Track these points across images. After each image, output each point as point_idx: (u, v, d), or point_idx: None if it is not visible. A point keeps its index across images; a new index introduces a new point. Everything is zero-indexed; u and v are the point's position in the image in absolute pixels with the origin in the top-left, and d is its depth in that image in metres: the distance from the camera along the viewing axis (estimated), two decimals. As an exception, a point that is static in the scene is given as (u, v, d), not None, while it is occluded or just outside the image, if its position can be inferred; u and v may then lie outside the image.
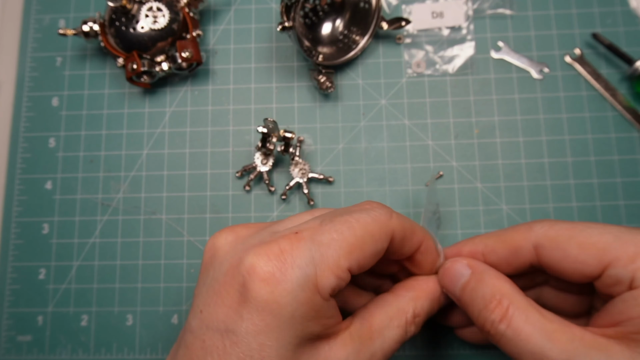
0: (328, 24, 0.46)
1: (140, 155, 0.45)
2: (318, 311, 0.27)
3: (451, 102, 0.44)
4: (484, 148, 0.43)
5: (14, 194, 0.44)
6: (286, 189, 0.42)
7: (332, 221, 0.28)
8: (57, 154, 0.45)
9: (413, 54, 0.45)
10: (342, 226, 0.28)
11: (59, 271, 0.43)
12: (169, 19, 0.43)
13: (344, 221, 0.28)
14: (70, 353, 0.42)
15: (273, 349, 0.26)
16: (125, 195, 0.44)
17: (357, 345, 0.29)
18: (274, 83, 0.45)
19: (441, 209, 0.33)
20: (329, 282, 0.26)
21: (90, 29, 0.43)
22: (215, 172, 0.44)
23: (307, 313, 0.26)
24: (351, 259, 0.27)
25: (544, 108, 0.44)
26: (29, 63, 0.47)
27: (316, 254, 0.27)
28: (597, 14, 0.45)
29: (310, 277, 0.26)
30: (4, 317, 0.42)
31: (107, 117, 0.45)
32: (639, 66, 0.42)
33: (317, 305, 0.26)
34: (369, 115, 0.44)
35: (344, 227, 0.28)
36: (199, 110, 0.45)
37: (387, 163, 0.43)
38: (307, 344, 0.27)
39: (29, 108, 0.46)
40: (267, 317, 0.26)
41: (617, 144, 0.43)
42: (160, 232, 0.43)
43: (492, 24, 0.46)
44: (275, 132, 0.41)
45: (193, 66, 0.44)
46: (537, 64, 0.45)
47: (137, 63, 0.42)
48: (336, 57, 0.44)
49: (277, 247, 0.27)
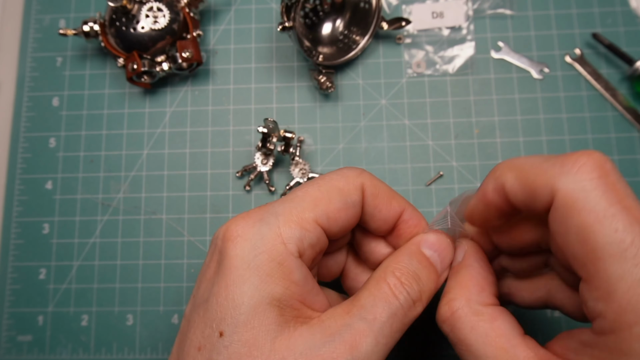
0: (328, 24, 0.46)
1: (140, 155, 0.45)
2: (281, 264, 0.26)
3: (451, 102, 0.44)
4: (484, 148, 0.43)
5: (14, 194, 0.44)
6: (286, 188, 0.42)
7: (305, 184, 0.29)
8: (57, 154, 0.45)
9: (413, 54, 0.45)
10: (308, 185, 0.28)
11: (59, 271, 0.43)
12: (169, 19, 0.43)
13: (312, 181, 0.29)
14: (70, 353, 0.42)
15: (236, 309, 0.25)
16: (125, 195, 0.44)
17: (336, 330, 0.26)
18: (274, 83, 0.45)
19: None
20: (292, 232, 0.26)
21: (90, 29, 0.43)
22: (216, 172, 0.44)
23: (267, 264, 0.26)
24: (317, 210, 0.27)
25: (544, 108, 0.44)
26: (30, 63, 0.47)
27: (280, 209, 0.27)
28: (597, 13, 0.45)
29: (272, 227, 0.26)
30: (4, 317, 0.42)
31: (108, 117, 0.45)
32: (639, 66, 0.42)
33: (279, 256, 0.26)
34: (369, 115, 0.44)
35: (310, 185, 0.28)
36: (199, 110, 0.45)
37: (387, 163, 0.43)
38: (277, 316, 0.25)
39: (29, 108, 0.46)
40: (232, 274, 0.26)
41: (617, 144, 0.43)
42: (161, 232, 0.43)
43: (492, 24, 0.46)
44: (275, 132, 0.41)
45: (193, 66, 0.44)
46: (537, 64, 0.45)
47: (137, 63, 0.42)
48: (336, 57, 0.44)
49: (248, 212, 0.28)
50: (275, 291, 0.26)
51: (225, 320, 0.25)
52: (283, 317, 0.25)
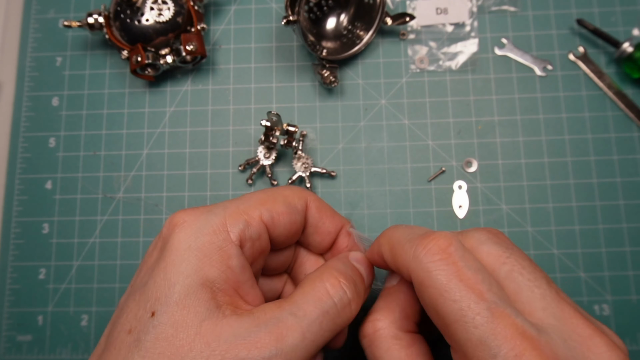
0: (332, 18, 0.46)
1: (140, 155, 0.45)
2: (221, 248, 0.27)
3: (451, 102, 0.44)
4: (484, 148, 0.43)
5: (14, 194, 0.44)
6: (289, 182, 0.42)
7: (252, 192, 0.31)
8: (57, 153, 0.45)
9: (416, 50, 0.45)
10: (256, 191, 0.31)
11: (59, 271, 0.43)
12: (174, 12, 0.43)
13: (260, 190, 0.31)
14: (70, 353, 0.42)
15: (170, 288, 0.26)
16: (125, 195, 0.44)
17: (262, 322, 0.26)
18: (274, 83, 0.45)
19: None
20: (236, 222, 0.28)
21: (95, 21, 0.43)
22: (216, 172, 0.44)
23: (207, 246, 0.27)
24: (262, 208, 0.29)
25: (544, 107, 0.44)
26: (29, 63, 0.47)
27: (227, 204, 0.29)
28: (596, 13, 0.45)
29: (218, 217, 0.28)
30: (4, 317, 0.42)
31: (107, 117, 0.45)
32: (626, 47, 0.42)
33: (220, 240, 0.27)
34: (368, 115, 0.44)
35: (258, 191, 0.31)
36: (199, 110, 0.45)
37: (387, 163, 0.43)
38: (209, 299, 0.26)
39: (29, 108, 0.46)
40: (172, 255, 0.27)
41: (617, 143, 0.43)
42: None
43: (495, 22, 0.46)
44: (278, 125, 0.41)
45: (197, 59, 0.44)
46: (540, 61, 0.45)
47: (141, 55, 0.42)
48: (340, 52, 0.44)
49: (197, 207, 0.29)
50: (211, 273, 0.26)
51: (159, 300, 0.26)
52: (214, 300, 0.26)
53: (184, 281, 0.26)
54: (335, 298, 0.28)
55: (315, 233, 0.33)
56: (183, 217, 0.28)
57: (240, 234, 0.28)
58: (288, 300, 0.27)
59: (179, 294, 0.25)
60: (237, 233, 0.28)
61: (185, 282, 0.26)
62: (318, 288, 0.28)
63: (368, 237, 0.34)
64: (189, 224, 0.28)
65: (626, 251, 0.41)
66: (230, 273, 0.27)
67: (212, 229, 0.27)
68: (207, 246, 0.27)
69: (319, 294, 0.27)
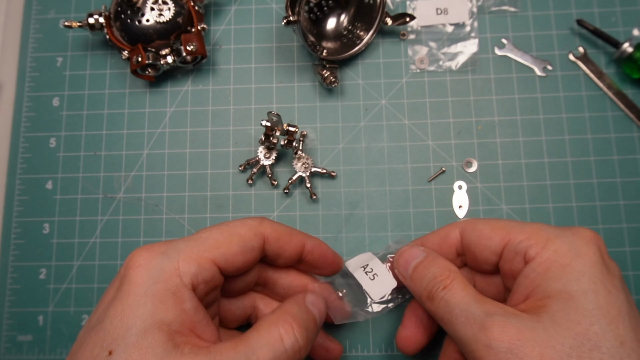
0: (333, 19, 0.46)
1: (140, 155, 0.45)
2: (175, 293, 0.28)
3: (451, 102, 0.44)
4: (484, 148, 0.43)
5: (15, 194, 0.44)
6: (289, 182, 0.42)
7: (210, 227, 0.32)
8: (57, 154, 0.45)
9: (417, 50, 0.45)
10: (213, 229, 0.32)
11: (60, 271, 0.43)
12: (174, 12, 0.43)
13: (218, 226, 0.32)
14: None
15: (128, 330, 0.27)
16: (125, 195, 0.44)
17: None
18: (274, 83, 0.45)
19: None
20: (189, 268, 0.29)
21: (95, 22, 0.43)
22: (216, 171, 0.44)
23: (162, 292, 0.28)
24: (217, 252, 0.31)
25: (544, 108, 0.44)
26: (30, 63, 0.47)
27: (182, 246, 0.30)
28: (597, 14, 0.45)
29: (172, 261, 0.29)
30: (4, 317, 0.43)
31: (108, 117, 0.45)
32: (625, 47, 0.42)
33: (174, 287, 0.28)
34: (369, 116, 0.44)
35: (214, 228, 0.32)
36: (200, 110, 0.45)
37: (387, 163, 0.43)
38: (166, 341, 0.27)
39: (29, 108, 0.46)
40: (128, 299, 0.28)
41: (617, 144, 0.43)
42: (161, 231, 0.43)
43: (495, 22, 0.46)
44: (278, 125, 0.41)
45: (197, 60, 0.44)
46: (540, 62, 0.45)
47: (142, 56, 0.42)
48: (340, 52, 0.44)
49: (153, 245, 0.30)
50: (167, 317, 0.28)
51: (116, 341, 0.27)
52: (172, 341, 0.27)
53: (141, 325, 0.27)
54: (287, 345, 0.28)
55: (279, 259, 0.34)
56: (139, 260, 0.29)
57: (192, 278, 0.29)
58: (244, 342, 0.28)
59: (136, 336, 0.27)
60: (189, 278, 0.29)
61: (142, 325, 0.27)
62: (273, 333, 0.29)
63: (401, 239, 0.36)
64: (144, 268, 0.29)
65: (626, 251, 0.41)
66: (185, 315, 0.28)
67: (166, 275, 0.29)
68: (161, 292, 0.28)
69: (273, 339, 0.28)
